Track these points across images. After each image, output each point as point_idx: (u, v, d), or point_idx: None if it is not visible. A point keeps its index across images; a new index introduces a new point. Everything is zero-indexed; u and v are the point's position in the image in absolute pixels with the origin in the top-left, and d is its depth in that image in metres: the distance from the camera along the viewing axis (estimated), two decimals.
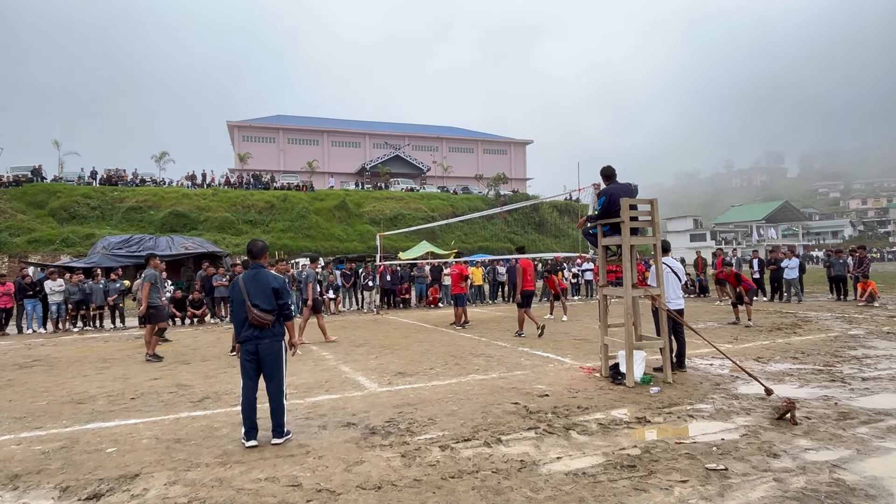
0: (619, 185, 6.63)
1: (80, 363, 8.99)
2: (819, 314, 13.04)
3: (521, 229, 46.18)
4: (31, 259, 26.27)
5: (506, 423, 4.89)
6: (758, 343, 9.04)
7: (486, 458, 4.03)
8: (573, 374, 6.96)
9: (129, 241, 21.74)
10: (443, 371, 7.44)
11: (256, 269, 4.72)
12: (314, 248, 34.90)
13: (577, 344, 9.53)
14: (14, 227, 31.20)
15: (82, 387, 7.09)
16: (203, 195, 39.72)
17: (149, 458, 4.25)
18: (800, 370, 6.84)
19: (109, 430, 5.07)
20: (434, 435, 4.62)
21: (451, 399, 5.83)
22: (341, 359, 8.70)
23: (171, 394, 6.54)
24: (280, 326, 4.66)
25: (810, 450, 4.03)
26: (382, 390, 6.39)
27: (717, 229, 78.45)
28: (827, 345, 8.64)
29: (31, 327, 14.21)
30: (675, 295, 7.12)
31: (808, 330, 10.45)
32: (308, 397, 6.11)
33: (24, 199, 35.09)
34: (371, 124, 70.59)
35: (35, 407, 6.08)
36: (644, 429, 4.70)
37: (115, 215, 35.46)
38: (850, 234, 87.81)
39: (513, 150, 69.93)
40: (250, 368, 4.58)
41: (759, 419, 4.82)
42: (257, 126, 60.58)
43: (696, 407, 5.29)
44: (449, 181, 59.76)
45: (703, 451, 4.07)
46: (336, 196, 44.10)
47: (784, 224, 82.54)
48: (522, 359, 8.22)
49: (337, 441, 4.55)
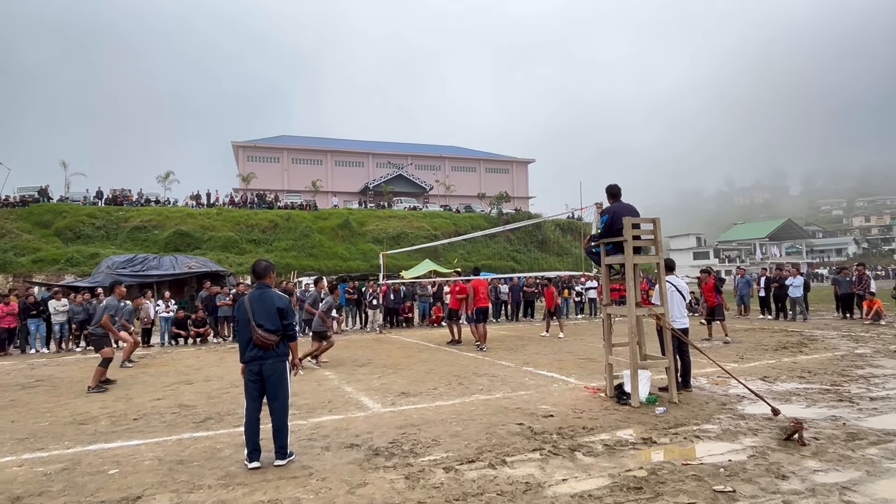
0: (622, 204, 6.66)
1: (82, 383, 8.96)
2: (825, 332, 12.94)
3: (523, 247, 46.18)
4: (36, 279, 26.35)
5: (510, 445, 4.84)
6: (763, 362, 8.97)
7: (491, 480, 3.99)
8: (578, 394, 6.91)
9: (133, 260, 21.82)
10: (446, 391, 7.40)
11: (262, 290, 4.73)
12: (317, 266, 34.93)
13: (582, 363, 9.47)
14: (19, 247, 31.37)
15: (85, 407, 7.07)
16: (207, 215, 39.94)
17: (151, 480, 4.23)
18: (807, 390, 6.77)
19: (112, 452, 5.04)
20: (438, 456, 4.58)
21: (454, 420, 5.79)
22: (344, 379, 8.65)
23: (174, 414, 6.51)
24: (284, 347, 4.66)
25: (819, 471, 3.98)
26: (386, 411, 6.35)
27: (721, 247, 78.38)
28: (834, 364, 8.56)
29: (35, 347, 14.20)
30: (680, 314, 7.10)
31: (815, 349, 10.37)
32: (311, 418, 6.08)
33: (31, 219, 35.35)
34: (374, 144, 71.26)
35: (37, 428, 6.06)
36: (650, 450, 4.65)
37: (120, 235, 35.64)
38: (854, 251, 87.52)
39: (515, 169, 70.35)
40: (254, 389, 4.57)
41: (767, 440, 4.77)
42: (262, 146, 61.19)
43: (703, 427, 5.24)
44: (451, 200, 59.99)
45: (711, 472, 4.03)
46: (339, 215, 44.30)
47: (787, 242, 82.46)
48: (526, 378, 8.16)
49: (340, 462, 4.51)
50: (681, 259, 60.94)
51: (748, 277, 19.32)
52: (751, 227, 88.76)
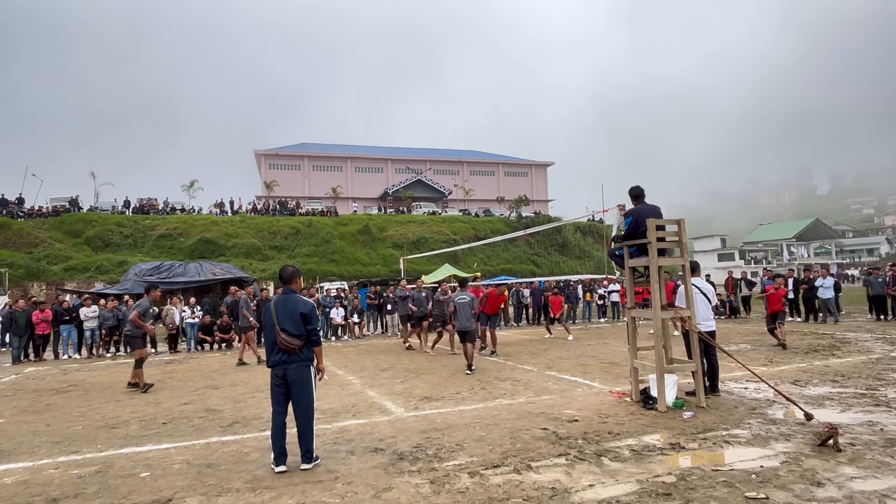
0: (646, 206, 6.58)
1: (113, 388, 9.19)
2: (858, 335, 12.57)
3: (543, 251, 45.87)
4: (67, 286, 27.12)
5: (535, 449, 4.80)
6: (794, 366, 8.75)
7: (517, 486, 3.96)
8: (602, 399, 6.83)
9: (160, 267, 22.31)
10: (469, 395, 7.38)
11: (287, 294, 4.80)
12: (339, 272, 35.23)
13: (606, 368, 9.36)
14: (52, 256, 32.31)
15: (116, 411, 7.23)
16: (231, 222, 40.62)
17: (181, 483, 4.30)
18: (840, 394, 6.58)
19: (142, 455, 5.15)
20: (463, 461, 4.57)
21: (478, 424, 5.77)
22: (367, 383, 8.70)
23: (202, 419, 6.62)
24: (308, 351, 4.70)
25: (856, 478, 3.86)
26: (409, 415, 6.36)
27: (746, 248, 76.70)
28: (868, 367, 8.30)
29: (67, 353, 14.59)
30: (706, 316, 6.97)
31: (847, 352, 10.07)
32: (335, 422, 6.12)
33: (62, 229, 36.40)
34: (393, 150, 71.62)
35: (71, 431, 6.22)
36: (678, 455, 4.56)
37: (147, 243, 36.47)
38: (887, 251, 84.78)
39: (534, 172, 69.99)
40: (279, 394, 4.63)
41: (800, 445, 4.64)
42: (283, 154, 62.07)
43: (732, 432, 5.12)
44: (470, 204, 59.95)
45: (742, 478, 3.93)
46: (359, 221, 44.62)
47: (816, 242, 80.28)
48: (550, 383, 8.09)
49: (365, 467, 4.53)
50: (705, 261, 59.73)
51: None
52: (777, 228, 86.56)
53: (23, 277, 29.29)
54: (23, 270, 29.61)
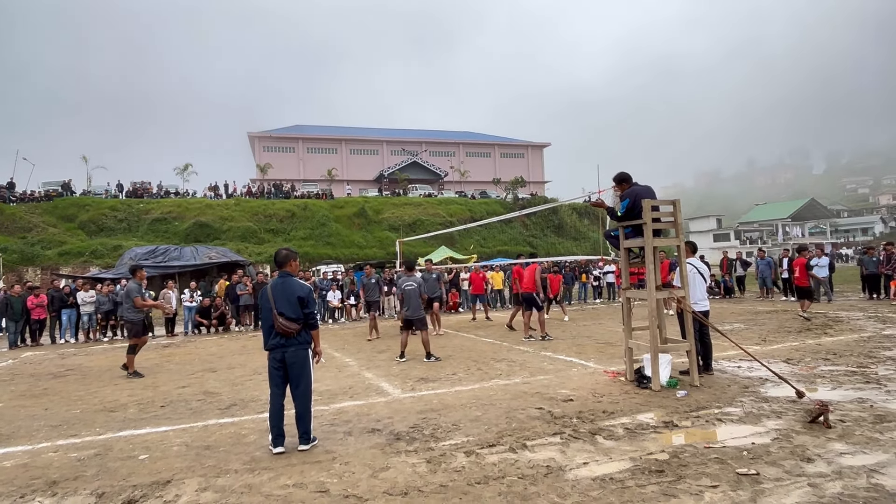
0: (641, 187, 6.56)
1: (110, 372, 9.21)
2: (850, 314, 12.69)
3: (539, 233, 45.90)
4: (62, 271, 27.03)
5: (530, 429, 4.86)
6: (787, 344, 8.84)
7: (512, 464, 4.02)
8: (597, 379, 6.90)
9: (155, 251, 22.26)
10: (465, 376, 7.44)
11: (284, 278, 4.79)
12: (335, 255, 35.21)
13: (601, 348, 9.43)
14: (46, 241, 32.13)
15: (114, 395, 7.27)
16: (226, 205, 40.40)
17: (179, 465, 4.34)
18: (832, 372, 6.66)
19: (141, 438, 5.19)
20: (459, 440, 4.63)
21: (474, 404, 5.82)
22: (364, 365, 8.75)
23: (200, 401, 6.66)
24: (306, 334, 4.71)
25: (846, 454, 3.93)
26: (406, 396, 6.41)
27: (742, 228, 76.95)
28: (860, 345, 8.40)
29: (64, 337, 14.61)
30: (701, 296, 7.01)
31: (840, 330, 10.17)
32: (333, 403, 6.17)
33: (55, 213, 36.13)
34: (388, 131, 71.05)
35: (70, 415, 6.26)
36: (672, 433, 4.63)
37: (141, 227, 36.27)
38: (882, 230, 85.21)
39: (530, 154, 69.68)
40: (278, 377, 4.65)
41: (791, 422, 4.71)
42: (277, 136, 61.47)
43: (725, 410, 5.19)
44: (466, 186, 59.69)
45: (734, 455, 4.00)
46: (355, 203, 44.45)
47: (811, 222, 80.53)
48: (545, 363, 8.16)
49: (362, 447, 4.58)
50: (701, 241, 59.79)
51: (769, 259, 18.98)
52: (773, 208, 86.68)
53: (17, 262, 29.16)
54: (17, 255, 29.45)
